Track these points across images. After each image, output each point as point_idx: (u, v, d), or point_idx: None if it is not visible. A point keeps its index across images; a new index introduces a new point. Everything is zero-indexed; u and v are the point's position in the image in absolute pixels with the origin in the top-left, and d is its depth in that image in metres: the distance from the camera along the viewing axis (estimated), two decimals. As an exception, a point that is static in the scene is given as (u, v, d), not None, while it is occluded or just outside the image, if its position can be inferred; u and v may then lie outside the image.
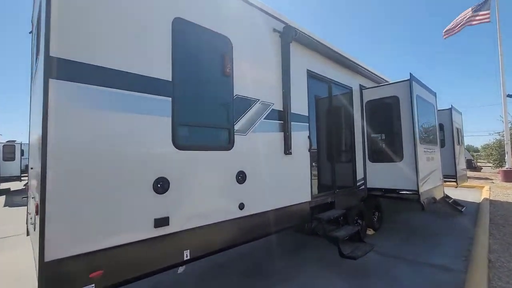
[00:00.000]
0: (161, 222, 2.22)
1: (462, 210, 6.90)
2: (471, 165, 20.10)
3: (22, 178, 15.51)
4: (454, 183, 7.95)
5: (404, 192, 5.12)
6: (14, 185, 14.59)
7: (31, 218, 2.67)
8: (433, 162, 5.50)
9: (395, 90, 5.01)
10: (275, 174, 3.31)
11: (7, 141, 15.57)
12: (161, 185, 2.23)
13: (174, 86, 2.39)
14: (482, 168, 21.76)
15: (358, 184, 5.07)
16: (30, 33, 3.65)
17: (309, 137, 3.91)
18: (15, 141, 15.85)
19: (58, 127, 1.77)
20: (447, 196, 7.23)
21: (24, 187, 12.83)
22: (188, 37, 2.56)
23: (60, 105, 1.78)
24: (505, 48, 15.14)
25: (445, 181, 7.76)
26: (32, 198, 2.62)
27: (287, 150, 3.43)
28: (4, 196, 11.71)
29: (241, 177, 2.88)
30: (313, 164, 4.38)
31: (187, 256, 2.36)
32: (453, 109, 8.16)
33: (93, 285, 1.85)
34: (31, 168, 2.97)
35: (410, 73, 4.75)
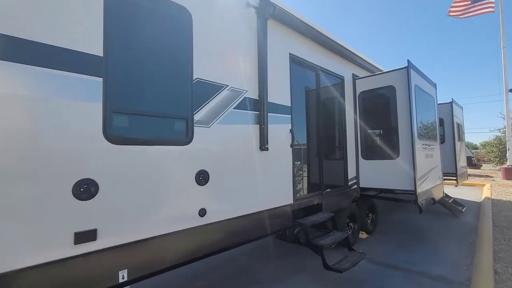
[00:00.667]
0: (85, 236, 1.73)
1: (463, 210, 6.44)
2: (471, 162, 19.71)
3: None
4: (454, 182, 7.49)
5: (401, 192, 4.65)
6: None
7: None
8: (432, 159, 5.03)
9: (391, 79, 4.51)
10: (247, 173, 2.82)
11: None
12: (85, 189, 1.74)
13: (107, 64, 1.89)
14: (482, 165, 21.38)
15: (349, 183, 4.59)
16: None
17: (291, 130, 3.41)
18: None
19: None
20: (446, 196, 6.77)
21: None
22: (128, 2, 2.05)
23: None
24: (507, 40, 14.60)
25: (445, 179, 7.31)
26: None
27: (263, 145, 2.94)
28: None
29: (202, 178, 2.39)
30: (298, 161, 3.90)
31: (123, 278, 1.88)
32: (454, 103, 7.68)
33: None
34: None
35: (408, 60, 4.25)
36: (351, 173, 4.67)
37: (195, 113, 2.38)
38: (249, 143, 2.86)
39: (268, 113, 3.04)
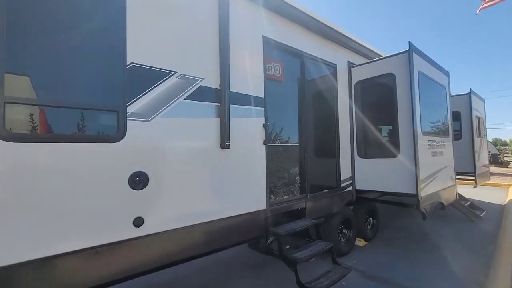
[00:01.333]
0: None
1: (481, 215, 5.69)
2: (497, 160, 18.24)
3: None
4: (473, 182, 6.69)
5: (403, 195, 4.07)
6: None
7: None
8: (442, 158, 4.38)
9: (391, 66, 3.92)
10: (201, 174, 2.41)
11: None
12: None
13: (-3, 43, 1.54)
14: (509, 163, 19.74)
15: (342, 185, 4.07)
16: None
17: (264, 125, 2.97)
18: None
19: None
20: (462, 198, 6.04)
21: None
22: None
23: None
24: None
25: (463, 179, 6.55)
26: None
27: (224, 142, 2.52)
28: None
29: (138, 180, 2.01)
30: (276, 160, 3.45)
31: (19, 304, 1.55)
32: (473, 94, 6.83)
33: None
34: None
35: (410, 42, 3.65)
36: (345, 173, 4.14)
37: (129, 105, 2.00)
38: (205, 139, 2.45)
39: (232, 105, 2.61)
